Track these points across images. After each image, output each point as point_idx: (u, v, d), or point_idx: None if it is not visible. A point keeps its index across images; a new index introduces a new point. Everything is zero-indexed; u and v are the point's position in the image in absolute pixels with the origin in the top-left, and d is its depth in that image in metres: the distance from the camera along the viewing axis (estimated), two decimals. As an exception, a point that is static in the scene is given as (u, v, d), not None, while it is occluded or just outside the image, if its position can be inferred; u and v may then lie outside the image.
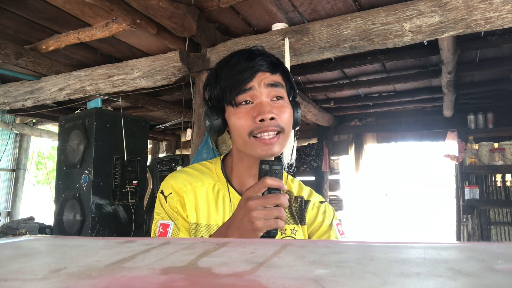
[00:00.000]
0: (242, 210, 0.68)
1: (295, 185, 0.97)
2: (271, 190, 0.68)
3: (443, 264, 0.26)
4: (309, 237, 0.92)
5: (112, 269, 0.27)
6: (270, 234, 0.68)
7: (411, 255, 0.29)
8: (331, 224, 0.93)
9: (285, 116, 0.81)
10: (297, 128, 0.90)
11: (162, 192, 0.88)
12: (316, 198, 0.96)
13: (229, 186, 0.88)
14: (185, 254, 0.31)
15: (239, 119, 0.80)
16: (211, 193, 0.88)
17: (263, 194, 0.68)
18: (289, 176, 1.00)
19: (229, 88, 0.80)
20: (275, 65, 0.83)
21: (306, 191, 0.96)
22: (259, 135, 0.79)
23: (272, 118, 0.78)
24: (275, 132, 0.79)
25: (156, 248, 0.34)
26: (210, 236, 0.76)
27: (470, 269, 0.25)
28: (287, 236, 0.89)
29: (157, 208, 0.88)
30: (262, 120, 0.77)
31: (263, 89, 0.80)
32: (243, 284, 0.23)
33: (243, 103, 0.80)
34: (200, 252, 0.31)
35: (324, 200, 0.98)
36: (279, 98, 0.82)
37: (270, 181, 0.67)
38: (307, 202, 0.94)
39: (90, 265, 0.28)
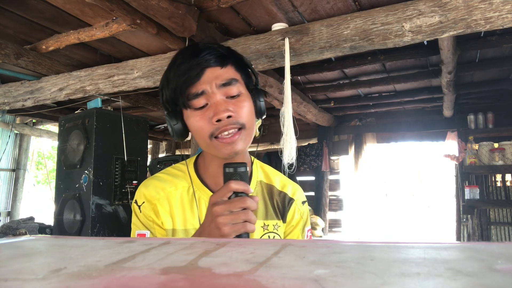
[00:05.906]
0: (209, 216, 0.66)
1: (278, 179, 0.94)
2: (237, 193, 0.65)
3: (443, 264, 0.26)
4: (284, 236, 0.91)
5: (112, 269, 0.27)
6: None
7: (411, 255, 0.29)
8: (303, 229, 0.93)
9: (244, 111, 0.77)
10: (264, 117, 0.85)
11: (136, 202, 0.86)
12: (299, 197, 0.94)
13: (204, 187, 0.86)
14: (185, 254, 0.31)
15: (197, 122, 0.77)
16: (186, 196, 0.85)
17: (229, 198, 0.65)
18: (271, 169, 0.97)
19: (179, 89, 0.76)
20: (224, 57, 0.78)
21: (290, 188, 0.93)
22: (219, 135, 0.76)
23: (229, 116, 0.75)
24: (236, 129, 0.76)
25: (156, 248, 0.34)
26: None
27: (470, 269, 0.25)
28: (270, 232, 0.87)
29: (133, 218, 0.87)
30: (219, 120, 0.74)
31: (216, 89, 0.76)
32: (243, 284, 0.23)
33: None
34: (200, 252, 0.31)
35: (305, 200, 0.96)
36: (235, 96, 0.78)
37: (235, 185, 0.65)
38: (291, 200, 0.92)
39: (90, 265, 0.28)
